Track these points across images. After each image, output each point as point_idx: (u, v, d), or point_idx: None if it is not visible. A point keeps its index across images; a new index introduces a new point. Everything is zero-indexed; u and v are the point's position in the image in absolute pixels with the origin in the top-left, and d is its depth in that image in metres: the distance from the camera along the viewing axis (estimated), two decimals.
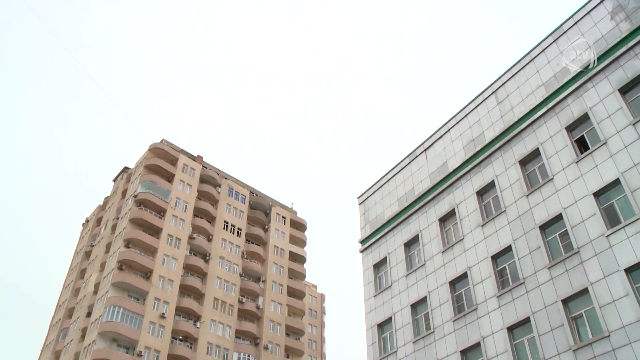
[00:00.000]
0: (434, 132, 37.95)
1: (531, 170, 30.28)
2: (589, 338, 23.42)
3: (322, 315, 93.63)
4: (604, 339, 22.64)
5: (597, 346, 22.74)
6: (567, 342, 23.82)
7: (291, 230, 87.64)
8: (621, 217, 24.82)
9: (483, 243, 30.30)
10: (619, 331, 22.26)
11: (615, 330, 22.39)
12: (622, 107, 26.82)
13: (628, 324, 22.10)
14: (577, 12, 31.36)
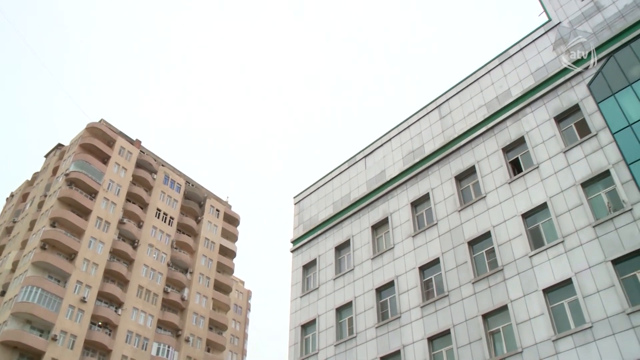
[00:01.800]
0: (376, 140, 38.40)
1: (465, 187, 31.07)
2: (503, 353, 24.30)
3: (247, 311, 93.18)
4: (517, 354, 23.53)
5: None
6: (483, 356, 24.60)
7: (224, 223, 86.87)
8: (545, 239, 25.85)
9: (412, 253, 30.87)
10: (532, 348, 23.25)
11: (528, 347, 23.34)
12: (556, 134, 27.89)
13: (540, 341, 23.13)
14: (523, 39, 32.46)
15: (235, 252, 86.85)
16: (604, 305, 22.17)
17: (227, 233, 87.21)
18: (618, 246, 23.06)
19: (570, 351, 22.15)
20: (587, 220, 24.58)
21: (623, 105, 26.01)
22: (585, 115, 27.26)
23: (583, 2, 30.50)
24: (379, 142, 38.08)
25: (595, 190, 25.44)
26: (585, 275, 23.34)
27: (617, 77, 26.89)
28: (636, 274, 22.24)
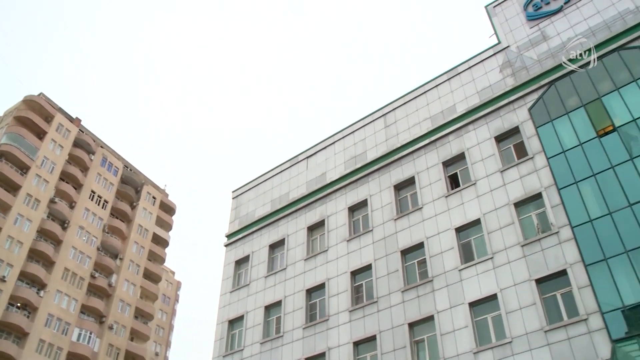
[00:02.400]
0: (319, 142, 38.56)
1: (403, 196, 31.57)
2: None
3: (175, 302, 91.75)
4: None
5: None
6: None
7: (159, 212, 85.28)
8: (475, 254, 26.57)
9: (346, 257, 31.14)
10: (453, 359, 23.87)
11: (450, 358, 24.02)
12: (495, 153, 28.71)
13: (462, 353, 23.82)
14: (472, 58, 33.32)
15: (169, 241, 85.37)
16: (525, 322, 22.98)
17: (161, 221, 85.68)
18: (542, 266, 23.94)
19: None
20: (516, 239, 25.39)
21: (559, 132, 27.06)
22: (524, 138, 28.16)
23: (531, 30, 31.58)
24: (322, 145, 38.25)
25: (526, 211, 26.30)
26: (510, 292, 24.12)
27: (556, 104, 27.97)
28: (556, 294, 23.15)
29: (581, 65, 28.18)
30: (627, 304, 21.13)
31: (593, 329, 21.36)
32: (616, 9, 29.03)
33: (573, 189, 25.13)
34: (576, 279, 22.77)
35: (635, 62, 26.69)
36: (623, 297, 21.35)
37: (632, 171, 23.89)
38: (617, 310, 21.24)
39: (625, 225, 22.80)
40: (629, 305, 21.08)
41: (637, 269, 21.59)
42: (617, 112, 25.84)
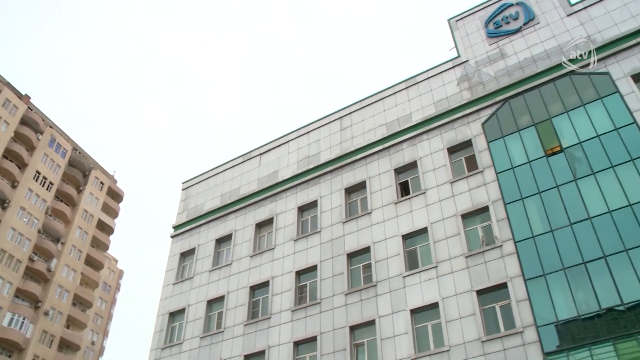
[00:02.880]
0: (274, 140, 38.49)
1: (354, 200, 31.81)
2: None
3: (115, 291, 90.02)
4: None
5: None
6: None
7: (106, 198, 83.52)
8: (420, 262, 26.98)
9: (292, 257, 31.17)
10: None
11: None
12: (447, 164, 29.24)
13: (401, 358, 24.18)
14: (432, 69, 33.85)
15: (114, 228, 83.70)
16: (463, 331, 23.45)
17: (108, 208, 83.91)
18: (484, 278, 24.47)
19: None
20: (461, 250, 25.90)
21: (510, 148, 27.77)
22: (476, 152, 28.75)
23: (490, 47, 32.31)
24: (276, 142, 38.20)
25: (472, 223, 26.85)
26: (451, 302, 24.58)
27: (509, 121, 28.70)
28: (495, 306, 23.70)
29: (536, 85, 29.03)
30: (560, 319, 21.84)
31: (527, 341, 21.96)
32: (570, 35, 29.97)
33: (519, 205, 25.79)
34: (515, 293, 23.37)
35: (585, 87, 27.62)
36: (557, 312, 22.05)
37: (575, 192, 24.69)
38: (551, 325, 21.92)
39: (565, 243, 23.54)
40: (562, 320, 21.80)
41: (572, 286, 22.33)
42: (566, 134, 26.67)
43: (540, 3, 32.25)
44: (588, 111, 26.79)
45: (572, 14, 30.74)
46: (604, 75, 27.53)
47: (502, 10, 33.40)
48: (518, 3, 32.98)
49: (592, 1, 30.57)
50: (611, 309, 21.19)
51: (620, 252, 22.20)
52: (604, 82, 27.34)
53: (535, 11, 32.09)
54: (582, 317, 21.53)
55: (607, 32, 29.03)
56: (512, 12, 32.95)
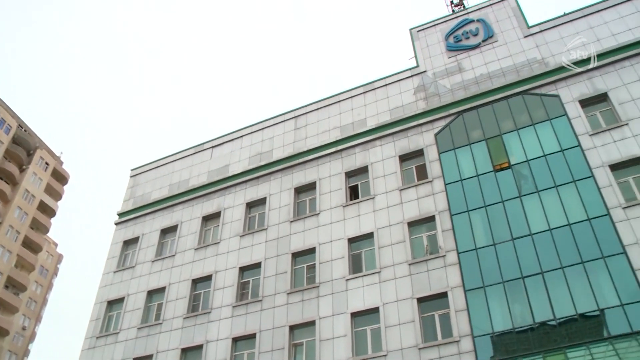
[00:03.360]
0: (227, 133, 38.16)
1: (303, 200, 31.82)
2: None
3: (52, 276, 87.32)
4: None
5: None
6: None
7: (50, 179, 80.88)
8: (364, 266, 27.21)
9: (236, 252, 30.95)
10: None
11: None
12: (397, 172, 29.60)
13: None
14: (390, 76, 34.22)
15: (56, 211, 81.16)
16: (402, 337, 23.77)
17: (51, 190, 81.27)
18: (426, 286, 24.86)
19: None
20: (405, 257, 26.24)
21: (460, 160, 28.32)
22: (427, 161, 29.21)
23: (449, 60, 32.89)
24: (229, 136, 37.86)
25: (418, 231, 27.25)
26: (392, 308, 24.87)
27: (461, 134, 29.28)
28: (435, 314, 24.11)
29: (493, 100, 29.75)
30: (496, 331, 22.42)
31: (463, 350, 22.42)
32: (526, 56, 30.83)
33: (464, 217, 26.33)
34: (455, 302, 23.83)
35: (536, 108, 28.45)
36: (494, 324, 22.63)
37: (519, 208, 25.37)
38: (486, 336, 22.46)
39: (506, 257, 24.18)
40: (497, 331, 22.38)
41: (509, 299, 22.95)
42: (514, 151, 27.38)
43: (500, 22, 33.06)
44: (537, 131, 27.59)
45: (529, 36, 31.65)
46: (554, 98, 28.41)
47: (463, 25, 34.08)
48: (479, 20, 33.74)
49: (548, 26, 31.55)
50: (544, 323, 21.88)
51: (556, 269, 22.94)
52: (553, 104, 28.21)
53: (494, 29, 32.87)
54: (517, 329, 22.15)
55: (560, 56, 29.95)
56: (472, 28, 33.67)
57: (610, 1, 30.92)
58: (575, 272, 22.54)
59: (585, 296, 21.83)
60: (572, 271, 22.63)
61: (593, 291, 21.82)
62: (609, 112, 27.13)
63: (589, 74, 28.58)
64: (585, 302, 21.71)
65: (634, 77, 27.47)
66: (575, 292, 22.03)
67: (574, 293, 22.03)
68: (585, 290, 21.95)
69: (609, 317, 21.10)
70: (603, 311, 21.30)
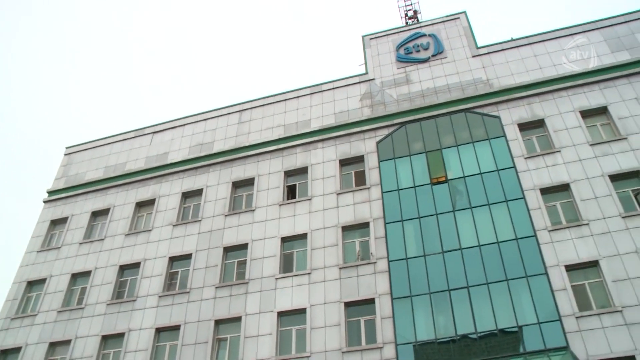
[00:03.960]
0: (170, 120, 37.40)
1: (240, 195, 31.60)
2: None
3: None
4: None
5: None
6: (204, 359, 25.05)
7: None
8: (295, 266, 27.36)
9: (168, 242, 30.45)
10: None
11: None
12: (336, 176, 29.83)
13: (261, 359, 24.28)
14: (338, 80, 34.46)
15: None
16: (326, 340, 23.96)
17: None
18: (354, 291, 25.16)
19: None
20: (337, 260, 26.46)
21: (399, 170, 28.80)
22: (366, 168, 29.54)
23: (398, 70, 33.39)
24: (171, 124, 37.12)
25: (352, 236, 27.53)
26: (319, 310, 25.04)
27: (402, 145, 29.77)
28: (361, 319, 24.44)
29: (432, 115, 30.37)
30: (419, 340, 22.92)
31: (385, 357, 22.80)
32: (472, 75, 31.65)
33: (398, 226, 26.76)
34: (381, 309, 24.22)
35: (477, 126, 29.23)
36: (417, 333, 23.12)
37: (451, 222, 26.00)
38: (409, 344, 22.90)
39: (435, 269, 24.73)
40: (420, 341, 22.89)
41: (434, 310, 23.49)
42: (452, 166, 28.04)
43: (451, 39, 33.81)
44: (476, 149, 28.36)
45: (476, 56, 32.53)
46: (495, 119, 29.28)
47: (415, 38, 34.66)
48: (430, 35, 34.39)
49: (495, 49, 32.55)
50: (465, 336, 22.50)
51: (481, 285, 23.62)
52: (494, 124, 29.06)
53: (445, 46, 33.59)
54: (439, 340, 22.69)
55: (504, 79, 30.94)
56: (423, 41, 34.29)
57: (553, 33, 32.22)
58: (499, 289, 23.29)
59: (506, 312, 22.60)
60: (496, 288, 23.37)
61: (514, 308, 22.61)
62: (544, 137, 28.21)
63: (529, 99, 29.64)
64: (506, 318, 22.48)
65: (569, 107, 28.66)
66: (497, 308, 22.78)
67: (496, 309, 22.78)
68: (507, 307, 22.73)
69: (526, 334, 21.94)
70: (521, 328, 22.13)
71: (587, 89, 29.25)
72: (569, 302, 22.21)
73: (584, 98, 28.93)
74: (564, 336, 21.37)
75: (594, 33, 31.56)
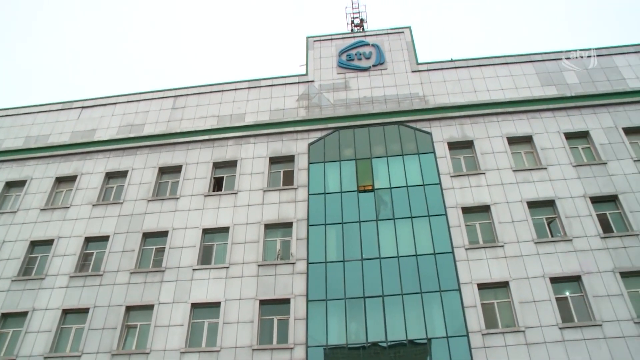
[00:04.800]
0: (101, 97, 36.10)
1: (165, 181, 31.01)
2: (131, 349, 24.54)
3: None
4: (143, 354, 24.02)
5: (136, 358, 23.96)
6: (110, 345, 24.51)
7: None
8: (213, 259, 27.24)
9: (86, 221, 29.46)
10: (159, 353, 23.94)
11: (156, 352, 23.99)
12: (265, 172, 29.87)
13: (170, 349, 24.05)
14: (278, 78, 34.43)
15: None
16: (238, 335, 23.93)
17: None
18: (270, 289, 25.26)
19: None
20: (256, 257, 26.46)
21: (327, 175, 29.08)
22: (295, 169, 29.66)
23: (338, 75, 33.69)
24: (102, 101, 35.79)
25: (274, 235, 27.59)
26: (233, 305, 24.96)
27: (334, 150, 30.12)
28: (274, 318, 24.56)
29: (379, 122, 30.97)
30: (330, 344, 23.21)
31: (295, 358, 22.99)
32: (409, 89, 32.34)
33: (320, 229, 27.00)
34: (296, 310, 24.37)
35: (409, 140, 29.90)
36: (329, 337, 23.42)
37: (374, 231, 26.47)
38: (320, 347, 23.15)
39: (352, 275, 25.13)
40: (331, 345, 23.20)
41: (348, 316, 23.87)
42: (380, 176, 28.56)
43: (393, 52, 34.40)
44: (405, 162, 28.99)
45: (416, 72, 33.25)
46: (426, 134, 30.02)
47: (358, 46, 35.05)
48: (374, 45, 34.87)
49: (434, 67, 33.42)
50: (376, 344, 22.99)
51: (396, 295, 24.16)
52: (425, 140, 29.80)
53: (386, 57, 34.13)
54: (350, 345, 23.06)
55: (439, 97, 31.79)
56: (366, 50, 34.72)
57: (491, 60, 33.45)
58: (412, 301, 23.91)
59: (417, 324, 23.25)
60: (410, 299, 23.97)
61: (425, 321, 23.29)
62: (471, 158, 29.17)
63: (461, 120, 30.57)
64: (416, 329, 23.12)
65: (498, 132, 29.79)
66: (409, 319, 23.40)
67: (407, 320, 23.40)
68: (418, 319, 23.37)
69: (434, 347, 22.65)
70: (430, 340, 22.81)
71: (516, 117, 30.48)
72: (478, 319, 23.11)
73: (512, 125, 30.12)
74: (469, 351, 22.22)
75: (527, 65, 32.93)
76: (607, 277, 24.02)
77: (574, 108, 30.60)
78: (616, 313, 22.92)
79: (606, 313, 22.96)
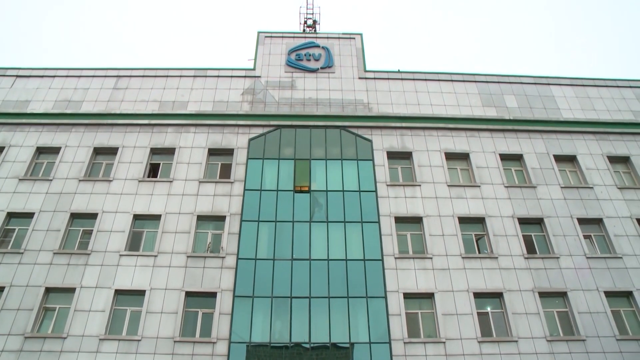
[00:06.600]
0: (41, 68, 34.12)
1: (100, 162, 30.06)
2: (46, 332, 23.60)
3: None
4: (58, 339, 23.21)
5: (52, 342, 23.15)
6: (24, 327, 23.50)
7: None
8: (142, 246, 26.75)
9: (9, 196, 27.91)
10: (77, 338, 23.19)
11: (74, 336, 23.26)
12: (202, 163, 29.57)
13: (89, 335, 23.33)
14: (225, 69, 34.08)
15: None
16: (160, 326, 23.58)
17: None
18: (198, 282, 25.12)
19: (111, 354, 22.83)
20: (186, 248, 26.24)
21: (265, 172, 29.08)
22: (234, 163, 29.51)
23: (285, 74, 33.73)
24: (40, 72, 34.25)
25: (206, 227, 27.39)
26: (159, 294, 24.59)
27: (274, 147, 30.12)
28: (199, 311, 24.36)
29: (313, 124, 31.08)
30: (253, 341, 23.22)
31: (217, 353, 22.85)
32: (355, 95, 32.73)
33: (253, 225, 26.95)
34: (221, 305, 24.24)
35: (349, 145, 30.26)
36: (253, 334, 23.41)
37: (306, 232, 26.63)
38: (243, 344, 23.11)
39: (281, 275, 25.22)
40: (254, 342, 23.21)
41: (274, 314, 23.97)
42: (317, 178, 28.75)
43: (342, 57, 34.69)
44: (343, 166, 29.31)
45: (363, 79, 33.68)
46: (367, 142, 30.43)
47: (308, 47, 35.14)
48: (324, 47, 35.05)
49: (381, 76, 33.98)
50: (299, 344, 23.13)
51: (323, 298, 24.39)
52: (365, 147, 30.20)
53: (335, 61, 34.39)
54: (273, 344, 23.13)
55: (383, 107, 32.30)
56: (316, 52, 34.85)
57: (436, 75, 34.35)
58: (338, 304, 24.21)
59: (342, 328, 23.58)
60: (337, 303, 24.27)
61: (349, 325, 23.63)
62: (408, 170, 29.80)
63: (402, 130, 31.15)
64: (340, 333, 23.45)
65: (437, 147, 30.53)
66: (334, 322, 23.69)
67: (332, 323, 23.68)
68: (343, 323, 23.70)
69: (356, 351, 23.02)
70: (353, 345, 23.13)
71: (455, 133, 31.29)
72: (401, 328, 23.64)
73: (451, 141, 30.91)
74: (390, 358, 22.69)
75: (471, 85, 33.87)
76: (527, 295, 25.06)
77: (511, 131, 31.71)
78: (532, 330, 23.96)
79: (522, 330, 23.95)
